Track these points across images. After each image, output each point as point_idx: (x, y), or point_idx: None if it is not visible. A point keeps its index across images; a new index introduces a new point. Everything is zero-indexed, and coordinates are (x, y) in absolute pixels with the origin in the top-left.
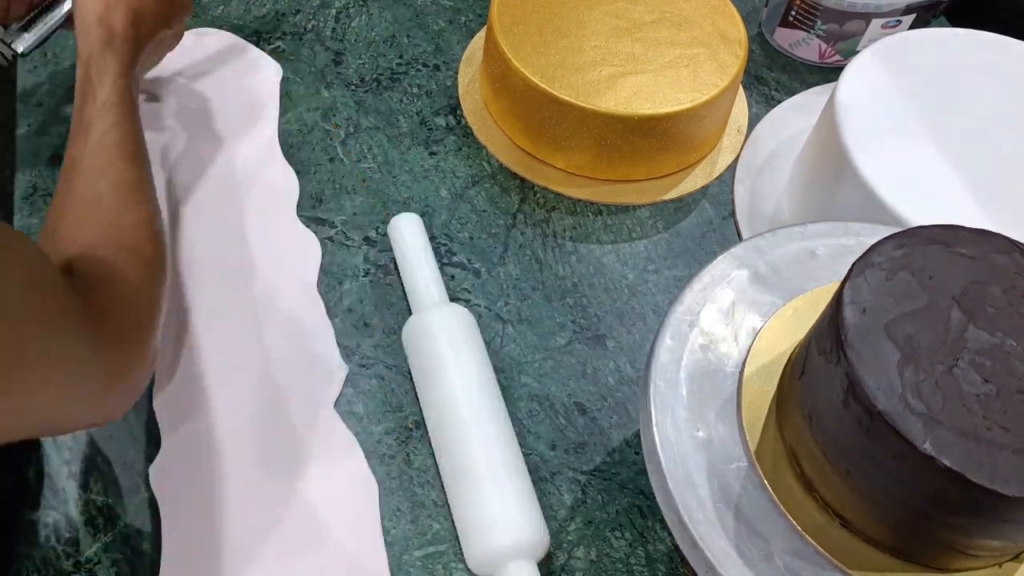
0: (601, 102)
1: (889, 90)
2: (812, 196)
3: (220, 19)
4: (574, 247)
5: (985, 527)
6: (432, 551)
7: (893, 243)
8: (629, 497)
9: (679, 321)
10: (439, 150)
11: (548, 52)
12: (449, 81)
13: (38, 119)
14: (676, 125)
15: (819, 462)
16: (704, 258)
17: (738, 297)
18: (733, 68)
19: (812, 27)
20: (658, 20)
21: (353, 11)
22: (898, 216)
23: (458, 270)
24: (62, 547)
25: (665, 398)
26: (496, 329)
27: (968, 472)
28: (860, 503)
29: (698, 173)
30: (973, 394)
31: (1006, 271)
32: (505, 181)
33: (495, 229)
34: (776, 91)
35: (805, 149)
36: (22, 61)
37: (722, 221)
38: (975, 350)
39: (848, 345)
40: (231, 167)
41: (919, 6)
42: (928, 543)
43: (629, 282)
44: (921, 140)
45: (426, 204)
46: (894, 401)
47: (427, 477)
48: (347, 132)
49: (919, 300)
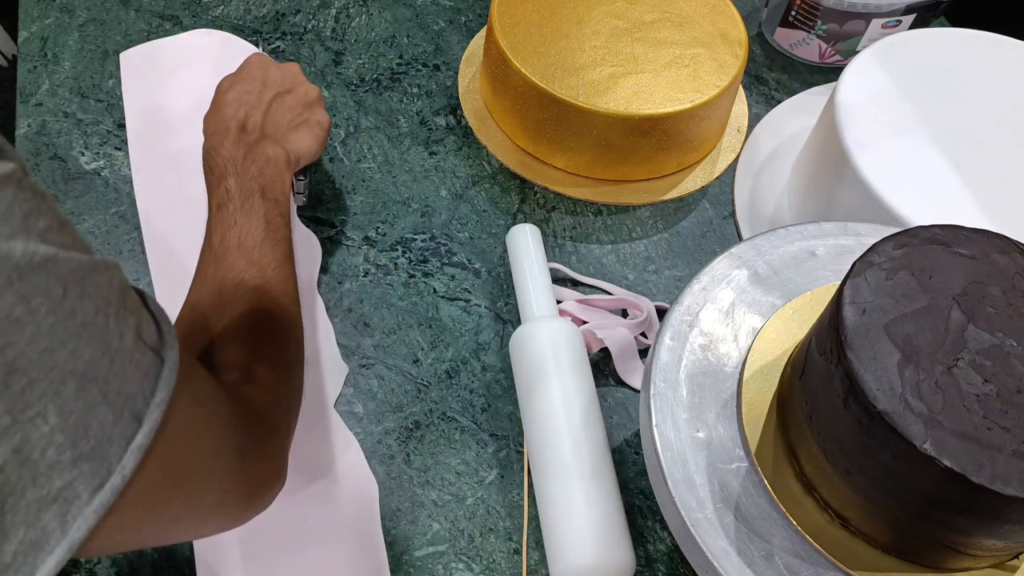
0: (601, 102)
1: (889, 90)
2: (812, 196)
3: (220, 19)
4: (574, 247)
5: (985, 527)
6: (432, 551)
7: (893, 243)
8: (629, 497)
9: (679, 321)
10: (439, 150)
11: (548, 52)
12: (449, 81)
13: (38, 119)
14: (676, 125)
15: (819, 462)
16: (704, 258)
17: (738, 297)
18: (733, 68)
19: (812, 27)
20: (658, 20)
21: (353, 11)
22: (898, 216)
23: (458, 270)
24: None
25: (665, 398)
26: (496, 329)
27: (968, 472)
28: (860, 503)
29: (698, 173)
30: (973, 394)
31: (1006, 271)
32: (505, 181)
33: (495, 229)
34: (776, 91)
35: (805, 149)
36: (22, 61)
37: (722, 221)
38: (975, 350)
39: (848, 345)
40: None
41: (919, 6)
42: (928, 543)
43: (629, 282)
44: (921, 140)
45: (426, 204)
46: (894, 401)
47: (427, 477)
48: (347, 132)
49: (919, 300)
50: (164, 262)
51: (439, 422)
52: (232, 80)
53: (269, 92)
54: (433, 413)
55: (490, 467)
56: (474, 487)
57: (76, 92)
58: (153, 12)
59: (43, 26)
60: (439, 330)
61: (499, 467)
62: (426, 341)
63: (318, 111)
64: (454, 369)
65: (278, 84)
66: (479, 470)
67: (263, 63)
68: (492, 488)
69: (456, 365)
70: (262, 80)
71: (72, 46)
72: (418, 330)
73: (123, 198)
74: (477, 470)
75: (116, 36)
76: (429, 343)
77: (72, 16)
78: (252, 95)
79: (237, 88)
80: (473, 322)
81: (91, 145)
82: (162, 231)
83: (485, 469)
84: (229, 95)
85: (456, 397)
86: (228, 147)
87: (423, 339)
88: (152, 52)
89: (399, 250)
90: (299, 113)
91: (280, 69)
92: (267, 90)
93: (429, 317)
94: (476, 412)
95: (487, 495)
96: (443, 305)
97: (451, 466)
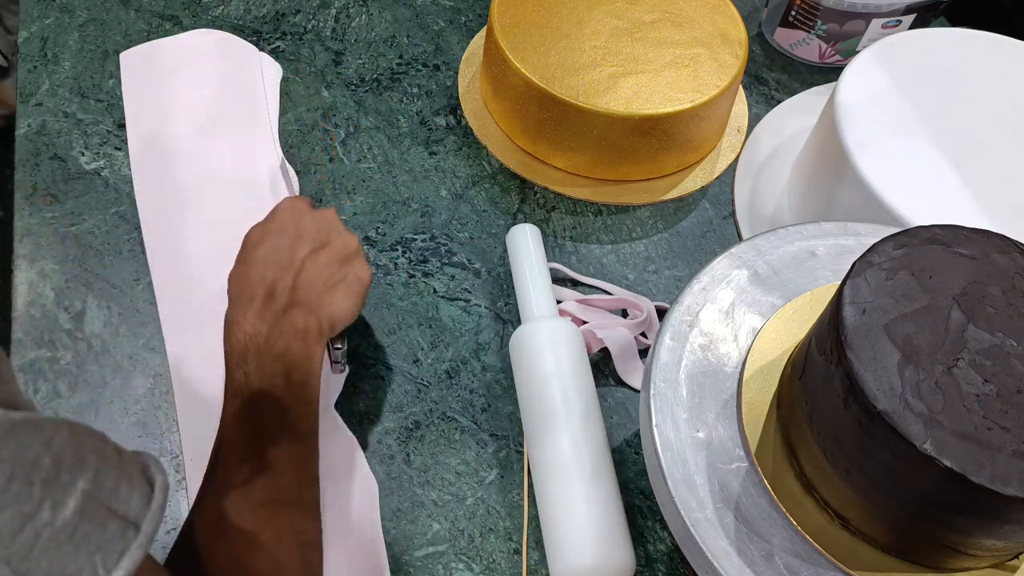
0: (601, 102)
1: (889, 90)
2: (812, 196)
3: (220, 19)
4: (574, 247)
5: (985, 527)
6: (432, 551)
7: (893, 243)
8: (629, 497)
9: (679, 321)
10: (439, 150)
11: (548, 52)
12: (449, 81)
13: (38, 119)
14: (676, 125)
15: (819, 462)
16: (704, 258)
17: (738, 297)
18: (733, 68)
19: (812, 27)
20: (658, 20)
21: (353, 11)
22: (898, 216)
23: (458, 270)
24: None
25: (665, 398)
26: (496, 329)
27: (968, 472)
28: (860, 503)
29: (698, 173)
30: (973, 394)
31: (1006, 271)
32: (505, 181)
33: (495, 229)
34: (776, 91)
35: (805, 149)
36: (22, 61)
37: (722, 221)
38: (975, 350)
39: (848, 345)
40: (231, 167)
41: (919, 6)
42: (928, 543)
43: (629, 282)
44: (921, 140)
45: (426, 204)
46: (894, 401)
47: (427, 477)
48: (347, 132)
49: (919, 300)
50: (164, 262)
51: (439, 422)
52: (262, 232)
53: (303, 248)
54: (433, 413)
55: (490, 467)
56: (474, 487)
57: (76, 92)
58: (153, 12)
59: (43, 26)
60: (439, 330)
61: (499, 467)
62: (426, 341)
63: (357, 265)
64: (454, 369)
65: (313, 237)
66: (479, 470)
67: (296, 211)
68: (492, 488)
69: (456, 365)
70: (295, 233)
71: (72, 46)
72: (418, 330)
73: (123, 198)
74: (477, 470)
75: (116, 36)
76: (429, 343)
77: (72, 16)
78: (283, 252)
79: (267, 244)
80: (473, 322)
81: (91, 145)
82: (162, 231)
83: (485, 469)
84: (258, 252)
85: (456, 397)
86: (251, 320)
87: (423, 339)
88: (152, 52)
89: (399, 250)
90: (336, 270)
91: (315, 218)
92: (300, 246)
93: (429, 317)
94: (476, 412)
95: (487, 495)
96: (443, 305)
97: (451, 466)
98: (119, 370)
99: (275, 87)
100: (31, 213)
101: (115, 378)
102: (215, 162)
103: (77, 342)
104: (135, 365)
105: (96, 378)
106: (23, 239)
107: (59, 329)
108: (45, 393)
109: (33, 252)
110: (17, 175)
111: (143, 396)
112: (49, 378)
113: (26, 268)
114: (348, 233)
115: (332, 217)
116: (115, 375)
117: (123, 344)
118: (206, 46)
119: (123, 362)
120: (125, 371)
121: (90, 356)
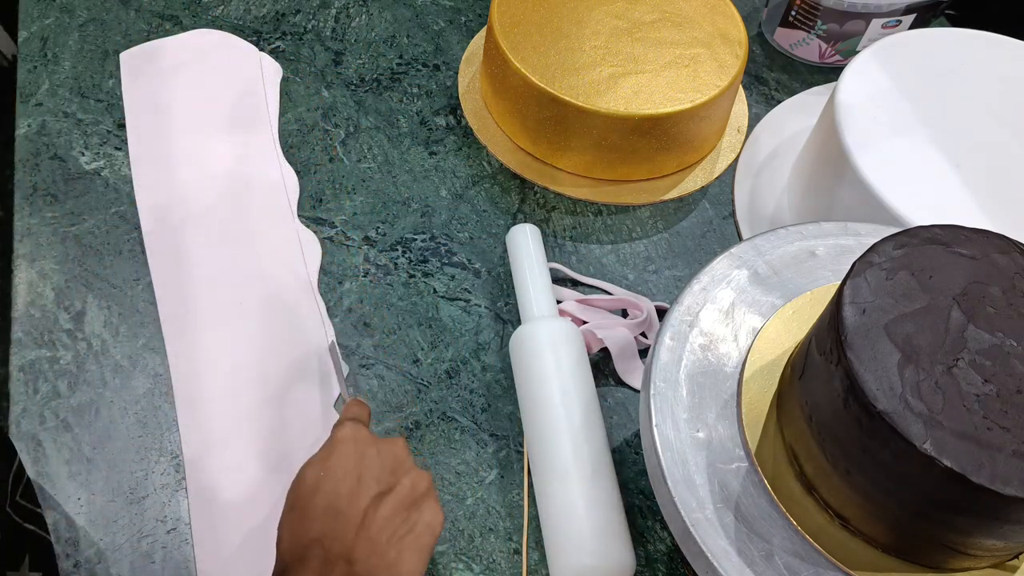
0: (601, 102)
1: (889, 90)
2: (812, 196)
3: (220, 19)
4: (574, 247)
5: (985, 527)
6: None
7: (893, 243)
8: (629, 497)
9: (679, 321)
10: (439, 150)
11: (548, 52)
12: (449, 81)
13: (38, 119)
14: (676, 125)
15: (819, 462)
16: (704, 258)
17: (738, 297)
18: (733, 68)
19: (812, 27)
20: (658, 20)
21: (353, 11)
22: (898, 216)
23: (458, 270)
24: (62, 547)
25: (665, 398)
26: (496, 329)
27: (968, 472)
28: (860, 503)
29: (698, 173)
30: (973, 394)
31: (1006, 271)
32: (505, 181)
33: (495, 229)
34: (776, 91)
35: (805, 149)
36: (22, 61)
37: (722, 221)
38: (975, 350)
39: (848, 345)
40: (231, 167)
41: (919, 6)
42: (928, 543)
43: (629, 282)
44: (921, 140)
45: (426, 204)
46: (894, 401)
47: None
48: (347, 132)
49: (919, 300)
50: (164, 262)
51: (439, 422)
52: (317, 470)
53: (365, 495)
54: (433, 413)
55: (490, 467)
56: (474, 487)
57: (76, 92)
58: (153, 12)
59: (43, 26)
60: (439, 330)
61: (499, 467)
62: (426, 341)
63: (427, 510)
64: (454, 369)
65: (377, 477)
66: (479, 470)
67: (360, 443)
68: (492, 488)
69: (456, 365)
70: (356, 476)
71: (72, 46)
72: (418, 330)
73: (123, 198)
74: (477, 470)
75: (116, 36)
76: (429, 343)
77: (72, 16)
78: (343, 501)
79: (325, 489)
80: (473, 322)
81: (91, 145)
82: (162, 231)
83: (485, 469)
84: (315, 500)
85: (456, 397)
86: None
87: (423, 339)
88: (152, 52)
89: (399, 250)
90: (403, 521)
91: (381, 453)
92: (363, 492)
93: (429, 317)
94: (476, 412)
95: (487, 495)
96: (443, 305)
97: (451, 466)
98: (119, 370)
99: (275, 87)
100: (31, 213)
101: (115, 378)
102: (215, 162)
103: (77, 342)
104: (135, 365)
105: (96, 378)
106: (23, 239)
107: (59, 329)
108: (45, 393)
109: (33, 252)
110: (17, 175)
111: (143, 396)
112: (49, 378)
113: (26, 268)
114: (417, 470)
115: (400, 451)
116: (115, 375)
117: (123, 344)
118: (206, 46)
119: (123, 362)
120: (125, 371)
121: (90, 356)
